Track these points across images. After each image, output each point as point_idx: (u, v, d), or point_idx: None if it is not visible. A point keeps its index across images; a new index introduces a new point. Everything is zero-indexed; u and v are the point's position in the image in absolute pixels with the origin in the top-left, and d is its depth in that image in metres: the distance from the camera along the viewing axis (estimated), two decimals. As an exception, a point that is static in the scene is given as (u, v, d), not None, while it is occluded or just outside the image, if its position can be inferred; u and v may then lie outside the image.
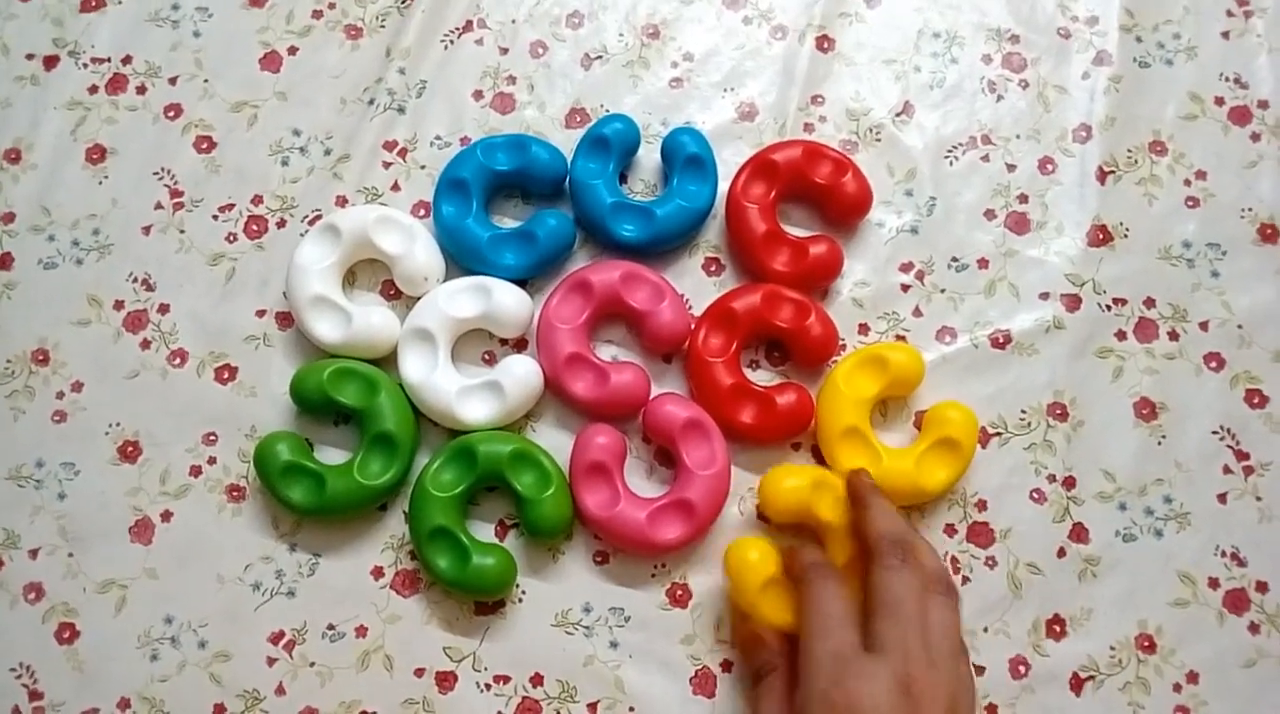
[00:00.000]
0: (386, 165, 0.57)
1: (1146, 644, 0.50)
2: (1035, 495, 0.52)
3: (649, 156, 0.57)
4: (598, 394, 0.51)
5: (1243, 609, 0.50)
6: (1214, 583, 0.50)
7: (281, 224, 0.56)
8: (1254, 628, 0.50)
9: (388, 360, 0.52)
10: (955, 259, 0.55)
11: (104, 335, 0.54)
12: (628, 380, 0.51)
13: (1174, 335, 0.54)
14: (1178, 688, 0.49)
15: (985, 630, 0.50)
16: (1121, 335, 0.54)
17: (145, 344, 0.54)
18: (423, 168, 0.57)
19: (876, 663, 0.40)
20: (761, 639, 0.46)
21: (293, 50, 0.59)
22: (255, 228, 0.56)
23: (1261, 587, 0.50)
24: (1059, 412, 0.53)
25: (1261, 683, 0.49)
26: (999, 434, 0.52)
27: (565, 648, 0.50)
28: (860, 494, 0.47)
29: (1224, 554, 0.51)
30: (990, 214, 0.56)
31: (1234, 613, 0.50)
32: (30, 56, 0.59)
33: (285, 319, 0.54)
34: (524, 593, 0.50)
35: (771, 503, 0.49)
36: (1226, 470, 0.52)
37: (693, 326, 0.52)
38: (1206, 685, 0.49)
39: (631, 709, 0.49)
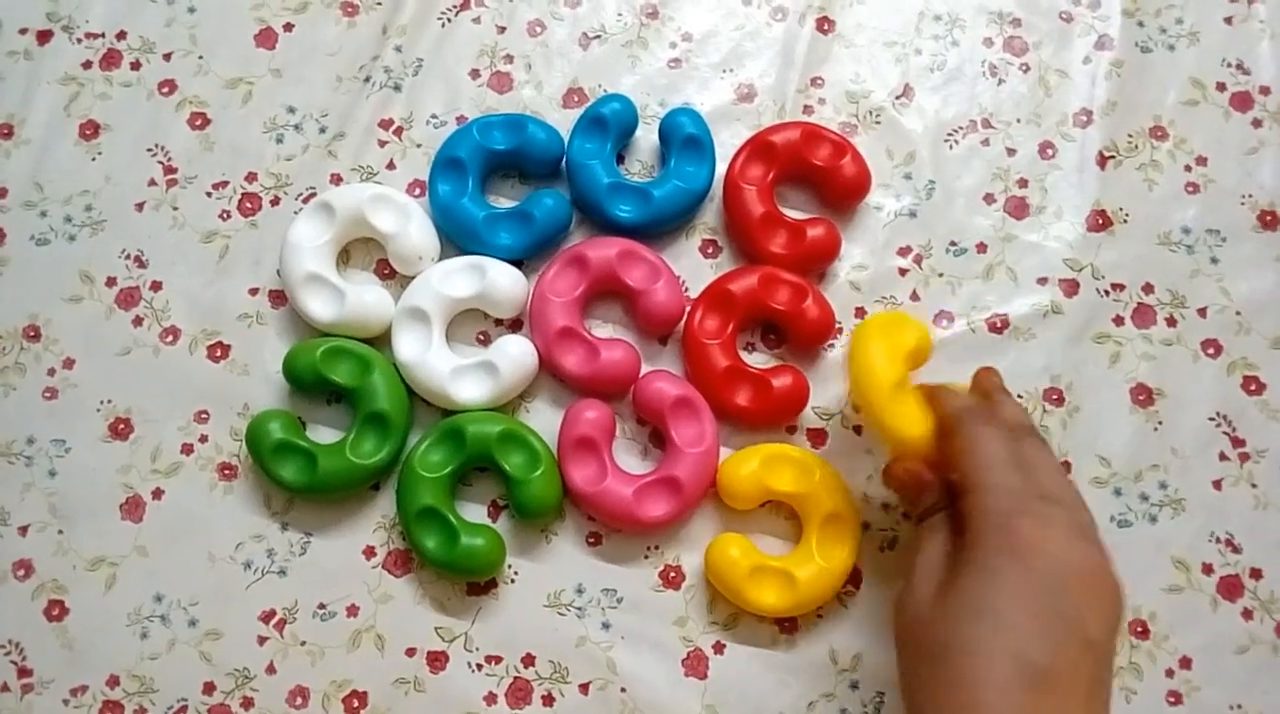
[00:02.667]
0: (382, 144, 0.56)
1: (1140, 630, 0.50)
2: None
3: (646, 137, 0.56)
4: (588, 369, 0.50)
5: (1236, 595, 0.50)
6: (1208, 569, 0.50)
7: (275, 202, 0.55)
8: (1247, 614, 0.50)
9: (381, 339, 0.52)
10: (954, 243, 0.55)
11: (96, 312, 0.54)
12: (618, 357, 0.50)
13: (1172, 321, 0.54)
14: (1170, 673, 0.49)
15: (979, 615, 0.50)
16: (1119, 321, 0.54)
17: (137, 321, 0.54)
18: (419, 146, 0.56)
19: (1056, 511, 0.39)
20: (926, 478, 0.44)
21: (288, 27, 0.58)
22: (249, 205, 0.55)
23: (1255, 573, 0.50)
24: (1055, 396, 0.53)
25: (1254, 668, 0.49)
26: (995, 419, 0.52)
27: (557, 629, 0.49)
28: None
29: (1219, 540, 0.51)
30: (989, 198, 0.56)
31: (1227, 599, 0.50)
32: (24, 31, 0.58)
33: (278, 297, 0.54)
34: (516, 573, 0.50)
35: (734, 494, 0.49)
36: (1222, 457, 0.52)
37: (688, 308, 0.52)
38: (1199, 671, 0.49)
39: (623, 690, 0.49)
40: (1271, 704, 0.49)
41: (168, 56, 0.58)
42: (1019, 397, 0.52)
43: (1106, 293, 0.54)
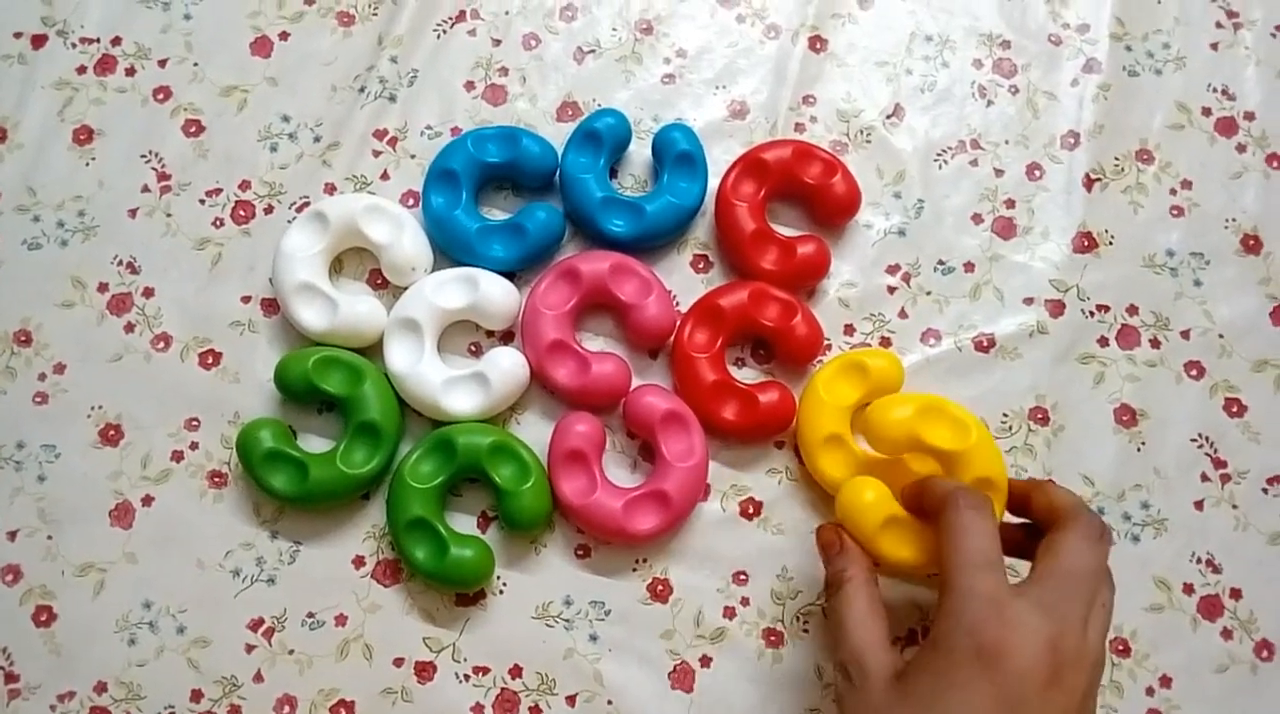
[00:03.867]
0: (376, 154, 0.57)
1: (1121, 648, 0.50)
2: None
3: (640, 152, 0.57)
4: (578, 382, 0.51)
5: (1216, 615, 0.51)
6: (1189, 588, 0.51)
7: (269, 210, 0.56)
8: (1227, 634, 0.50)
9: (373, 350, 0.52)
10: (941, 262, 0.56)
11: (87, 318, 0.54)
12: (609, 370, 0.51)
13: (1155, 343, 0.55)
14: (1150, 692, 0.50)
15: (962, 631, 0.50)
16: (1104, 342, 0.54)
17: (129, 327, 0.54)
18: (413, 157, 0.56)
19: (1032, 614, 0.38)
20: (843, 545, 0.44)
21: (284, 36, 0.59)
22: (242, 213, 0.56)
23: (1235, 593, 0.51)
24: (1040, 416, 0.53)
25: (1233, 688, 0.50)
26: (980, 437, 0.53)
27: (545, 640, 0.50)
28: (1029, 482, 0.46)
29: (1199, 561, 0.51)
30: (977, 218, 0.56)
31: (1207, 619, 0.51)
32: (18, 35, 0.58)
33: (271, 306, 0.54)
34: (505, 585, 0.50)
35: (879, 436, 0.47)
36: (1204, 478, 0.53)
37: (678, 322, 0.53)
38: (1179, 689, 0.50)
39: (610, 702, 0.49)
40: (1249, 723, 0.49)
41: (163, 63, 0.58)
42: (1003, 417, 0.53)
43: (1091, 314, 0.55)
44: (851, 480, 0.46)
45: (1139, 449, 0.53)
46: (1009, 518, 0.47)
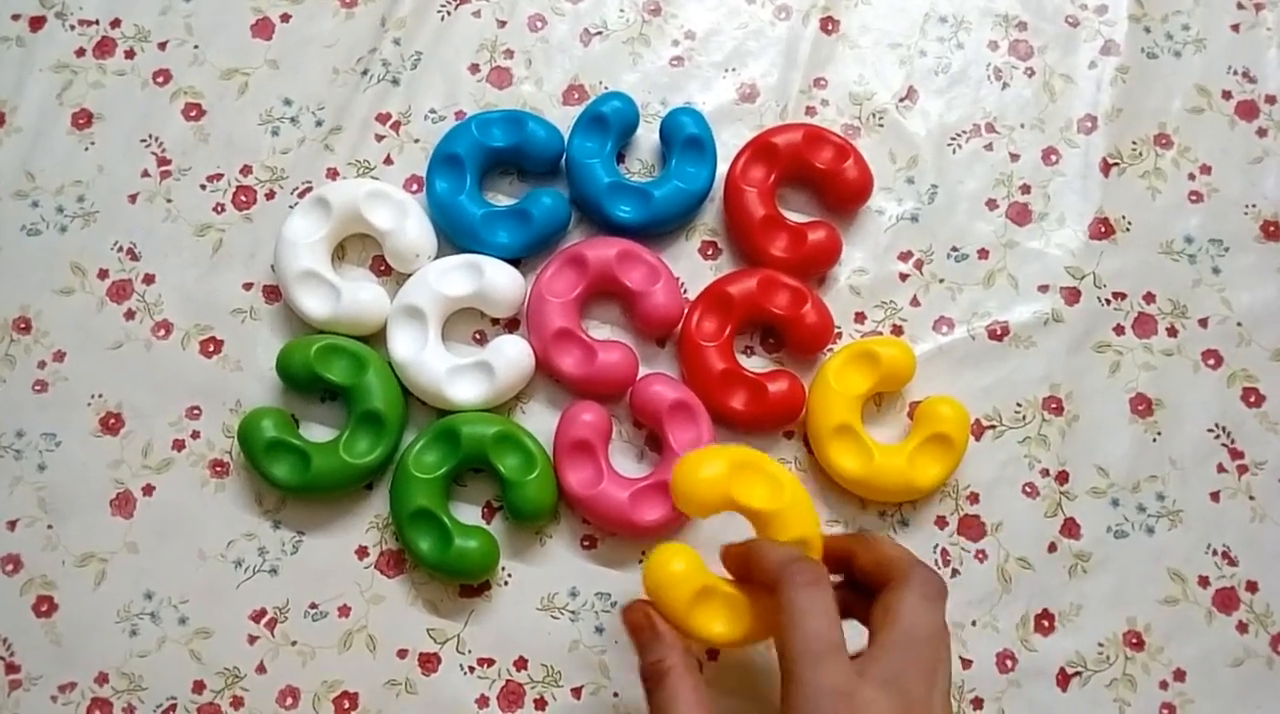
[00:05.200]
0: (379, 138, 0.56)
1: (1135, 641, 0.49)
2: (1028, 489, 0.51)
3: (647, 136, 0.56)
4: (585, 371, 0.50)
5: (1232, 608, 0.50)
6: (1204, 581, 0.50)
7: (270, 196, 0.55)
8: (1242, 627, 0.50)
9: (376, 337, 0.52)
10: (955, 249, 0.55)
11: (87, 305, 0.53)
12: (615, 359, 0.50)
13: (1173, 331, 0.54)
14: (1164, 685, 0.49)
15: (973, 624, 0.49)
16: (1120, 330, 0.54)
17: (129, 314, 0.53)
18: (416, 142, 0.56)
19: (880, 695, 0.35)
20: (655, 630, 0.40)
21: (285, 18, 0.58)
22: (244, 199, 0.55)
23: (1251, 586, 0.50)
24: (1054, 405, 0.52)
25: (1248, 682, 0.49)
26: (993, 427, 0.52)
27: (550, 632, 0.49)
28: (849, 536, 0.43)
29: (1215, 553, 0.51)
30: (992, 204, 0.55)
31: (1223, 612, 0.50)
32: (16, 17, 0.57)
33: (273, 293, 0.53)
34: (510, 576, 0.50)
35: (687, 496, 0.41)
36: (1221, 469, 0.52)
37: (686, 310, 0.52)
38: (1193, 683, 0.49)
39: (616, 694, 0.48)
40: (1265, 718, 0.49)
41: (163, 45, 0.57)
42: (1016, 407, 0.52)
43: (1108, 302, 0.54)
44: (659, 548, 0.41)
45: (1155, 439, 0.52)
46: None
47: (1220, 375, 0.53)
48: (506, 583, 0.50)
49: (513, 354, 0.50)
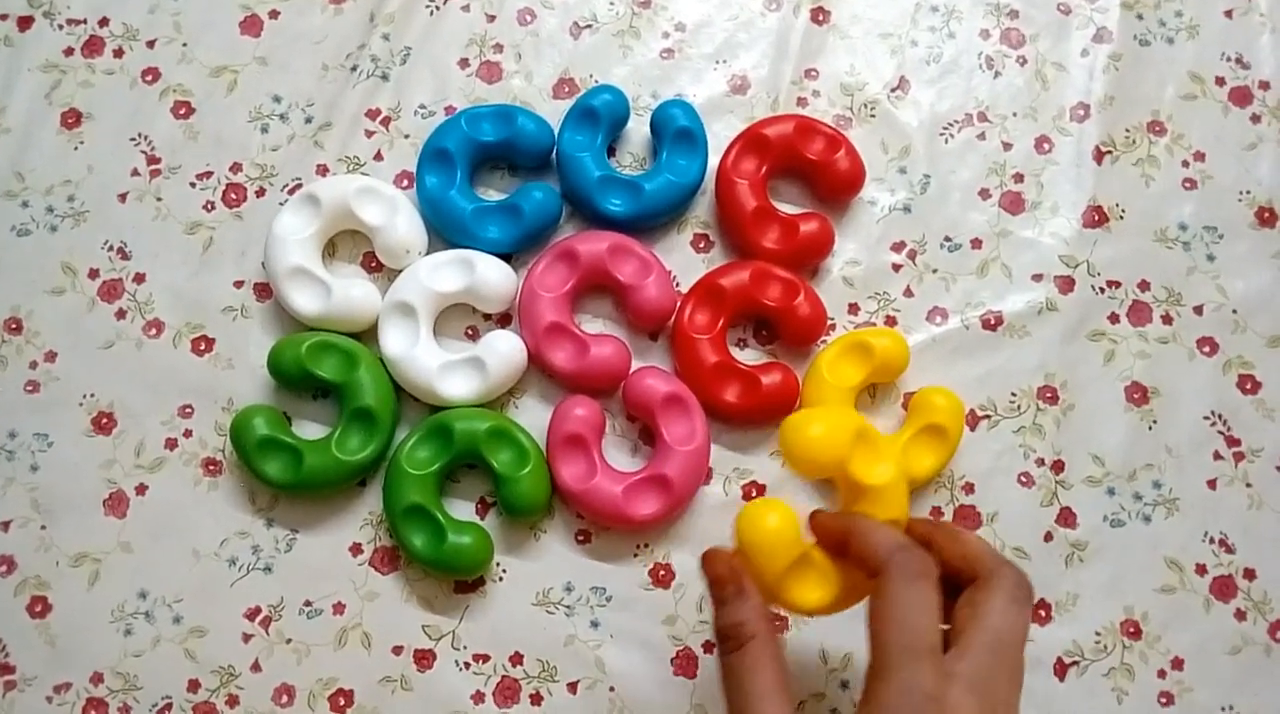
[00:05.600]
0: (369, 134, 0.55)
1: (1132, 630, 0.49)
2: (1023, 479, 0.51)
3: (638, 129, 0.56)
4: (577, 365, 0.50)
5: (1229, 596, 0.50)
6: (1201, 569, 0.50)
7: (261, 193, 0.55)
8: (1240, 614, 0.50)
9: (368, 334, 0.52)
10: (948, 239, 0.54)
11: (78, 304, 0.53)
12: (608, 353, 0.50)
13: (1167, 319, 0.53)
14: (1162, 674, 0.49)
15: (970, 615, 0.49)
16: (1114, 318, 0.53)
17: (120, 314, 0.53)
18: (406, 137, 0.55)
19: (967, 699, 0.33)
20: (741, 588, 0.38)
21: (274, 14, 0.57)
22: (234, 196, 0.55)
23: (1249, 574, 0.50)
24: (1049, 395, 0.52)
25: (1246, 669, 0.49)
26: (988, 417, 0.52)
27: (546, 627, 0.49)
28: (933, 525, 0.41)
29: (1212, 540, 0.50)
30: (985, 193, 0.55)
31: (1220, 599, 0.50)
32: (4, 17, 0.57)
33: (264, 290, 0.53)
34: (504, 571, 0.50)
35: (803, 453, 0.39)
36: (1217, 456, 0.51)
37: (679, 303, 0.51)
38: (1191, 671, 0.49)
39: (612, 689, 0.48)
40: (1263, 705, 0.48)
41: (151, 44, 0.57)
42: (1011, 396, 0.52)
43: (1102, 290, 0.54)
44: (758, 503, 0.39)
45: (1150, 427, 0.52)
46: None
47: (1216, 362, 0.53)
48: (501, 578, 0.50)
49: (505, 349, 0.50)
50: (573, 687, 0.48)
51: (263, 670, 0.49)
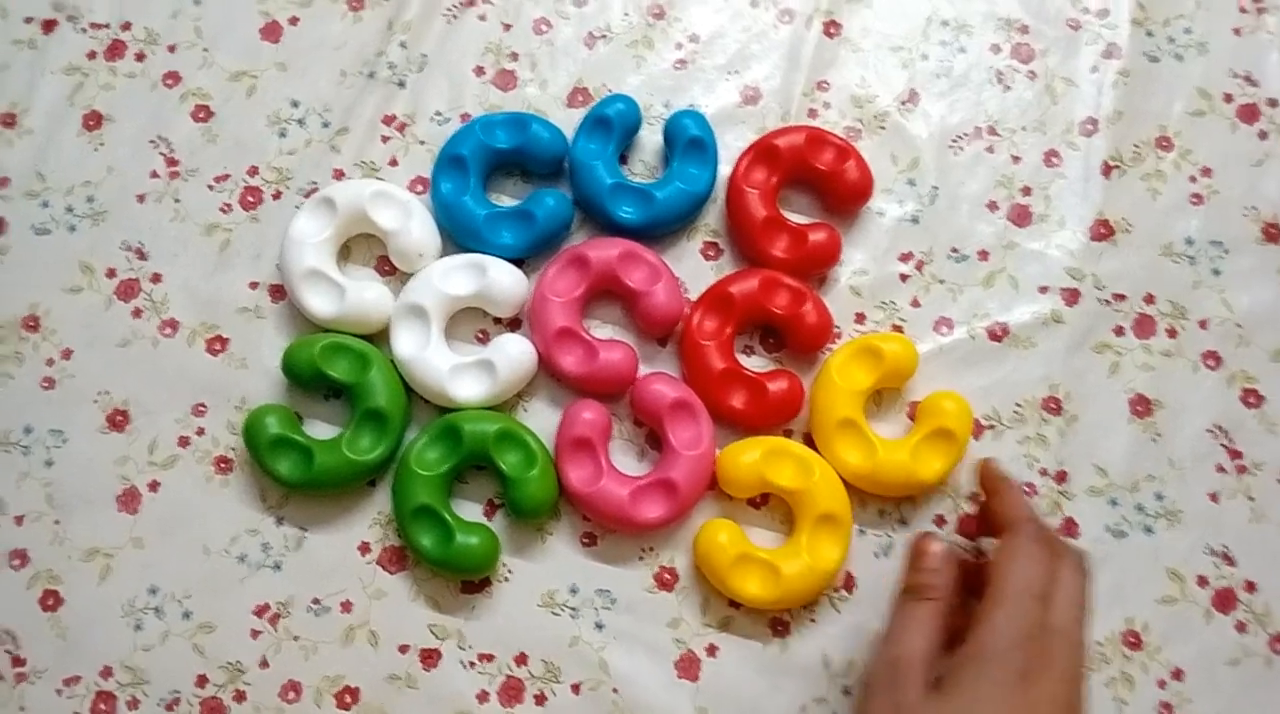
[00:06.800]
0: (385, 139, 0.56)
1: (1133, 640, 0.50)
2: (1027, 489, 0.51)
3: (650, 138, 0.56)
4: (586, 370, 0.50)
5: (1230, 608, 0.50)
6: (1203, 581, 0.50)
7: (277, 196, 0.55)
8: (1240, 627, 0.50)
9: (380, 336, 0.52)
10: (955, 250, 0.55)
11: (95, 303, 0.54)
12: (616, 358, 0.50)
13: (1172, 332, 0.54)
14: (1162, 684, 0.49)
15: (972, 623, 0.50)
16: (1120, 331, 0.54)
17: (137, 313, 0.54)
18: (422, 143, 0.56)
19: (1059, 645, 0.39)
20: (949, 562, 0.43)
21: (294, 21, 0.58)
22: (251, 199, 0.55)
23: (1250, 586, 0.50)
24: (1053, 406, 0.52)
25: (1246, 681, 0.49)
26: (993, 426, 0.52)
27: (550, 628, 0.49)
28: (993, 479, 0.46)
29: (1214, 553, 0.51)
30: (993, 205, 0.56)
31: (1221, 611, 0.50)
32: (29, 20, 0.58)
33: (278, 292, 0.54)
34: (510, 573, 0.50)
35: (730, 480, 0.49)
36: (1220, 469, 0.52)
37: (687, 310, 0.52)
38: (1191, 683, 0.49)
39: (615, 691, 0.49)
40: (1263, 718, 0.49)
41: (172, 48, 0.58)
42: (1016, 407, 0.52)
43: (1108, 303, 0.54)
44: (708, 523, 0.49)
45: (1154, 440, 0.52)
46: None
47: (1220, 376, 0.53)
48: (507, 579, 0.50)
49: (515, 353, 0.50)
50: (576, 688, 0.49)
51: (270, 667, 0.49)
